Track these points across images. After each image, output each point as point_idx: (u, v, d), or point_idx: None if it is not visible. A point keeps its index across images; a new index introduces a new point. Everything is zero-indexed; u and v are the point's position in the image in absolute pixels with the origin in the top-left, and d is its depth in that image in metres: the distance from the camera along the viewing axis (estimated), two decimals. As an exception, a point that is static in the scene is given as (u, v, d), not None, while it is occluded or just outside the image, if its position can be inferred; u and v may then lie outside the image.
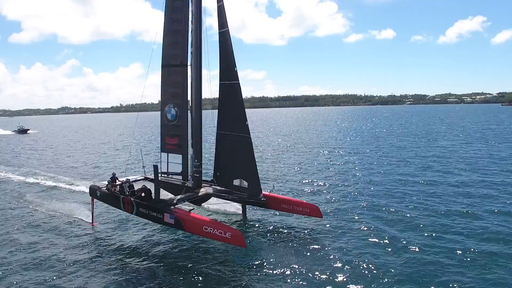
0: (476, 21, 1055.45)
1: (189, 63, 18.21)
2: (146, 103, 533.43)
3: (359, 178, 27.16)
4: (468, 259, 13.33)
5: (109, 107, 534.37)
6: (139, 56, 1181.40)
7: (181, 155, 19.06)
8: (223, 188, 17.60)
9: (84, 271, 13.44)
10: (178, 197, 16.93)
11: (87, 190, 19.90)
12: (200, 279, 12.38)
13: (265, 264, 13.38)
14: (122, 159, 23.82)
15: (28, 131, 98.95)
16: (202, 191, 17.68)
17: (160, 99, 19.77)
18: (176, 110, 19.04)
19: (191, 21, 18.07)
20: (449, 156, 35.57)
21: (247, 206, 19.09)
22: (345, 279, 12.23)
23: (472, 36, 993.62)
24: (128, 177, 19.06)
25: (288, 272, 12.69)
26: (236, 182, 17.05)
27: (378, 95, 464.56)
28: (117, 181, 18.53)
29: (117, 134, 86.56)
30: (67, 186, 26.90)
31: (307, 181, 26.70)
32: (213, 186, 18.10)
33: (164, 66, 19.21)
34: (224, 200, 18.63)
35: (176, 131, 19.19)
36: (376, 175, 27.82)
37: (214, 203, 19.27)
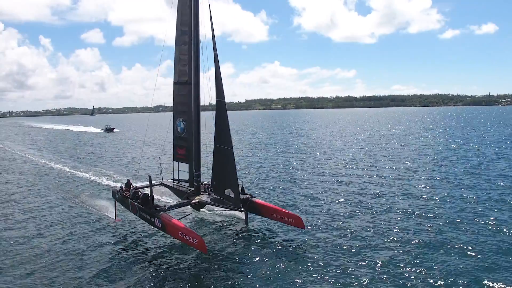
0: None
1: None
2: (233, 102, 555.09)
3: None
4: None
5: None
6: (229, 56, 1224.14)
7: (187, 164, 21.17)
8: (217, 197, 19.12)
9: (99, 258, 16.03)
10: (170, 204, 18.90)
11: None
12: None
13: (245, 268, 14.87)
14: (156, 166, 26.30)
15: (114, 130, 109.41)
16: (197, 198, 19.41)
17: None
18: (184, 124, 21.12)
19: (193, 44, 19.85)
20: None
21: (248, 213, 20.40)
22: None
23: None
24: (136, 184, 21.50)
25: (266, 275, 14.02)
26: (226, 191, 18.51)
27: (472, 95, 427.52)
28: (131, 186, 20.99)
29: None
30: (112, 183, 30.39)
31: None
32: (211, 194, 19.72)
33: (175, 84, 21.34)
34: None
35: (183, 143, 21.28)
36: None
37: (221, 209, 20.89)
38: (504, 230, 17.72)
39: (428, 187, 26.82)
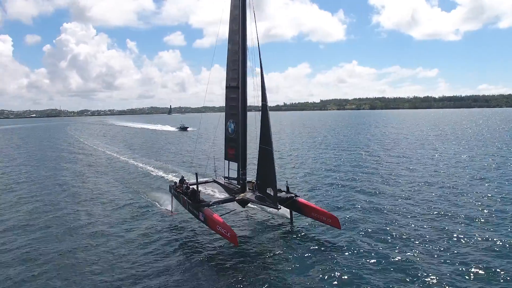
0: None
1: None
2: (307, 102, 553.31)
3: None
4: None
5: (274, 105, 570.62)
6: (306, 56, 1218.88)
7: (236, 164, 22.57)
8: (260, 195, 20.21)
9: (147, 245, 18.06)
10: (214, 200, 20.40)
11: None
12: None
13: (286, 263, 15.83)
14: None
15: (187, 129, 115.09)
16: (241, 196, 20.69)
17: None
18: (234, 125, 22.53)
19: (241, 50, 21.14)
20: None
21: (293, 212, 21.27)
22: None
23: None
24: (188, 180, 23.24)
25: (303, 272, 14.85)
26: (268, 190, 19.54)
27: None
28: (184, 182, 22.83)
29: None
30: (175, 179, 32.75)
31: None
32: (256, 192, 20.86)
33: (226, 87, 22.84)
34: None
35: (234, 143, 22.70)
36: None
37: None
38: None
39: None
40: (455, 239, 17.74)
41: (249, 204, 22.06)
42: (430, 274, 14.22)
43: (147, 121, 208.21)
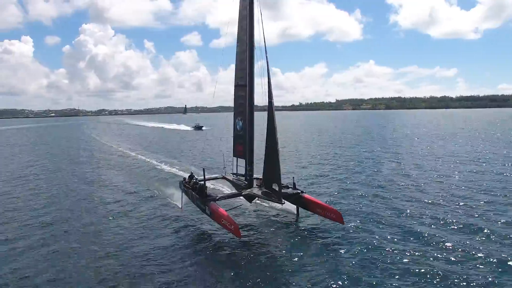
0: None
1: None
2: (323, 102, 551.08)
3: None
4: None
5: (289, 105, 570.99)
6: (323, 55, 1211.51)
7: (244, 160, 23.14)
8: (266, 190, 20.75)
9: (158, 238, 18.76)
10: (220, 195, 21.06)
11: None
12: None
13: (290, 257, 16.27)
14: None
15: (202, 128, 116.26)
16: (247, 191, 21.29)
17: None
18: (242, 122, 23.08)
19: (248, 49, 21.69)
20: None
21: (299, 208, 21.71)
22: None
23: None
24: (197, 176, 23.83)
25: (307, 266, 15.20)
26: (274, 185, 20.05)
27: None
28: (193, 178, 23.45)
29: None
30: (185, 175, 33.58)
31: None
32: (262, 188, 21.39)
33: (235, 86, 23.41)
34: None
35: (242, 140, 23.24)
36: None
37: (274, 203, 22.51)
38: None
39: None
40: (473, 236, 17.72)
41: (257, 201, 22.64)
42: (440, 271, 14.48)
43: (162, 120, 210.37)
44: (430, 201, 23.90)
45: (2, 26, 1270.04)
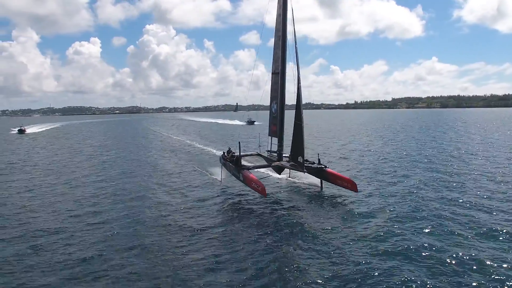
0: None
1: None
2: (378, 100, 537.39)
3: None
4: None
5: (344, 103, 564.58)
6: (382, 53, 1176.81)
7: (277, 138, 26.47)
8: (293, 163, 23.95)
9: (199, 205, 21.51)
10: (252, 165, 24.79)
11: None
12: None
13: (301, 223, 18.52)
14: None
15: (254, 123, 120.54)
16: (276, 163, 24.74)
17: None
18: (276, 105, 26.40)
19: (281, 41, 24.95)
20: None
21: (323, 181, 24.56)
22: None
23: None
24: (234, 151, 27.00)
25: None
26: (299, 158, 23.21)
27: None
28: (230, 152, 26.96)
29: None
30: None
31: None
32: (290, 161, 24.57)
33: (272, 73, 26.71)
34: (308, 174, 24.67)
35: (275, 121, 26.56)
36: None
37: (302, 176, 25.72)
38: None
39: None
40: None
41: (287, 176, 26.25)
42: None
43: (217, 116, 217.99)
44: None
45: (75, 29, 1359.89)
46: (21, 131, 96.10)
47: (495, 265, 12.70)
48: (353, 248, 14.49)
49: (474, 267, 12.59)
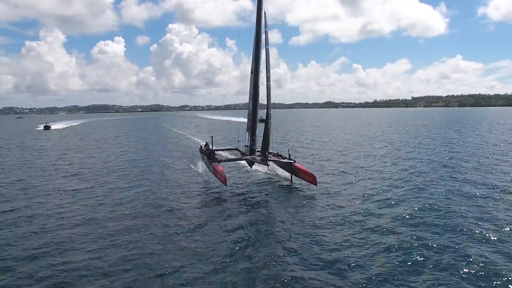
0: None
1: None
2: (404, 99, 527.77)
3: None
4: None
5: (363, 102, 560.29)
6: (405, 51, 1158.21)
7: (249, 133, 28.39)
8: (262, 156, 25.64)
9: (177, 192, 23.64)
10: (224, 158, 26.93)
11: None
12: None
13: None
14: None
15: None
16: (247, 157, 26.73)
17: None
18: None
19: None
20: None
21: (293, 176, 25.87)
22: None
23: None
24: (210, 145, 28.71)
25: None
26: (266, 153, 24.94)
27: None
28: (207, 146, 28.98)
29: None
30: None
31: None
32: (261, 156, 26.15)
33: (251, 73, 28.31)
34: (277, 166, 26.98)
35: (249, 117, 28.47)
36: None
37: (278, 170, 27.42)
38: None
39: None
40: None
41: (258, 168, 28.19)
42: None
43: (232, 114, 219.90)
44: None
45: (100, 29, 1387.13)
46: (47, 128, 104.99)
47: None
48: (314, 237, 15.25)
49: (425, 249, 13.78)
